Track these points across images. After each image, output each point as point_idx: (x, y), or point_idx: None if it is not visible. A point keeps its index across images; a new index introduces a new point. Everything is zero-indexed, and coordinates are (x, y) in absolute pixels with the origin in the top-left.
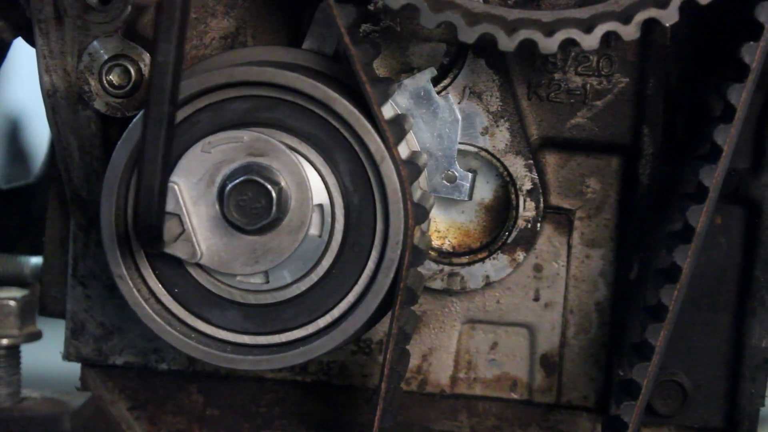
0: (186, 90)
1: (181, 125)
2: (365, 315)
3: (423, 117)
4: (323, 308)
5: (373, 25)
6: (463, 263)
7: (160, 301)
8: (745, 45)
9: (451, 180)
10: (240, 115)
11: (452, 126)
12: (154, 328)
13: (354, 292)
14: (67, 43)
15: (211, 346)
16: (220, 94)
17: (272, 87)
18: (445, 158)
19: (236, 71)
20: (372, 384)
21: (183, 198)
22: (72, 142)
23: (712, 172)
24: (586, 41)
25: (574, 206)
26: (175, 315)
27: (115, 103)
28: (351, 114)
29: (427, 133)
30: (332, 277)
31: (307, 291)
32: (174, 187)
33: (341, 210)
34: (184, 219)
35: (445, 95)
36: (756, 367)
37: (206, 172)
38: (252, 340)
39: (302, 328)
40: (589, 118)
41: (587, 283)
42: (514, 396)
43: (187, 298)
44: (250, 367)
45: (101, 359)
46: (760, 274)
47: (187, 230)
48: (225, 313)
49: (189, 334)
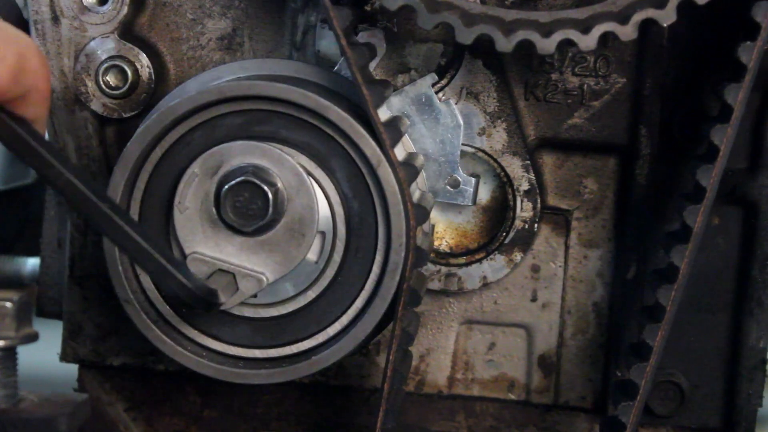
0: (178, 110)
1: (176, 146)
2: (374, 320)
3: (425, 123)
4: (332, 317)
5: (369, 26)
6: (461, 264)
7: (169, 323)
8: (742, 45)
9: (454, 185)
10: (234, 130)
11: (454, 131)
12: (165, 350)
13: (361, 298)
14: (63, 43)
15: (223, 363)
16: (212, 111)
17: (264, 100)
18: (448, 163)
19: (226, 87)
20: (370, 385)
21: (202, 244)
22: (69, 143)
23: (710, 172)
24: (583, 42)
25: (572, 207)
26: (184, 335)
27: (112, 104)
28: (344, 120)
29: (429, 139)
30: (338, 285)
31: (314, 301)
32: (197, 258)
33: (342, 217)
34: (224, 266)
35: (446, 101)
36: (753, 368)
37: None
38: (263, 353)
39: (312, 338)
40: (586, 119)
41: (585, 283)
42: (511, 396)
43: (195, 317)
44: (263, 381)
45: (98, 360)
46: (757, 274)
47: (234, 270)
48: (234, 329)
49: (200, 353)
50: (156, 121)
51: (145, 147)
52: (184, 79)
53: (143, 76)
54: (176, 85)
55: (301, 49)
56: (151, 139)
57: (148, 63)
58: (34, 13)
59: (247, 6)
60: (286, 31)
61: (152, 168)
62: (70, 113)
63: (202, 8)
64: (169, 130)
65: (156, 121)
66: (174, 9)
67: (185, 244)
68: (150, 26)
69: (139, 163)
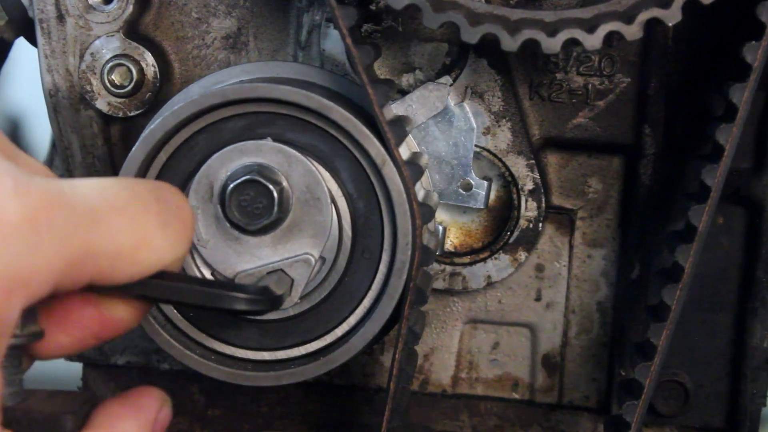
0: (181, 114)
1: (180, 149)
2: (382, 319)
3: (438, 126)
4: (339, 317)
5: (374, 25)
6: (465, 263)
7: (177, 327)
8: (747, 44)
9: (466, 188)
10: (237, 133)
11: (467, 134)
12: (174, 354)
13: (369, 297)
14: (68, 42)
15: (232, 366)
16: (215, 115)
17: (267, 102)
18: (461, 166)
19: (229, 90)
20: (374, 384)
21: (240, 263)
22: (74, 142)
23: (714, 172)
24: (588, 41)
25: (576, 206)
26: (193, 339)
27: (117, 102)
28: (348, 121)
29: (442, 142)
30: (345, 285)
31: (321, 302)
32: (243, 277)
33: (347, 218)
34: (268, 268)
35: (460, 104)
36: (757, 367)
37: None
38: (272, 356)
39: (320, 339)
40: (591, 118)
41: (589, 283)
42: (515, 396)
43: (203, 321)
44: (272, 383)
45: (103, 359)
46: (761, 274)
47: (279, 266)
48: (242, 332)
49: (209, 357)
50: (159, 126)
51: (150, 151)
52: (189, 78)
53: (148, 75)
54: (181, 84)
55: (306, 48)
56: (155, 144)
57: (153, 62)
58: (40, 12)
59: (253, 5)
60: (291, 30)
61: (157, 173)
62: (75, 112)
63: (208, 7)
64: (173, 134)
65: (159, 125)
66: (179, 8)
67: (226, 271)
68: (155, 25)
69: (143, 168)
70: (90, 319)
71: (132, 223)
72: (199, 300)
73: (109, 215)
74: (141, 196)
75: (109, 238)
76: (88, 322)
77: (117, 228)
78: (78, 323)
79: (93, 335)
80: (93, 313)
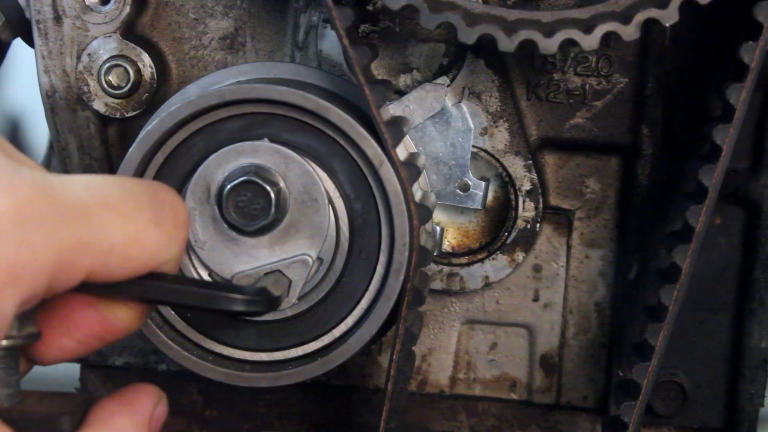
0: (178, 115)
1: (177, 150)
2: (380, 320)
3: (436, 126)
4: (337, 318)
5: (371, 26)
6: (463, 264)
7: (174, 328)
8: (745, 45)
9: (464, 189)
10: (234, 133)
11: (465, 135)
12: (171, 355)
13: (366, 298)
14: (65, 43)
15: (230, 367)
16: (212, 116)
17: (264, 103)
18: (459, 167)
19: (226, 91)
20: (371, 384)
21: (238, 264)
22: (71, 143)
23: (712, 172)
24: (585, 42)
25: (574, 206)
26: (191, 340)
27: (114, 103)
28: (345, 121)
29: (439, 142)
30: (342, 286)
31: (319, 302)
32: (240, 277)
33: (345, 219)
34: (265, 269)
35: (457, 104)
36: (755, 368)
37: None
38: (269, 356)
39: (318, 339)
40: (589, 119)
41: (587, 283)
42: (513, 396)
43: (200, 322)
44: (270, 384)
45: (100, 360)
46: (759, 274)
47: (276, 267)
48: (240, 333)
49: (206, 358)
50: (157, 127)
51: (147, 152)
52: (187, 78)
53: (145, 76)
54: (178, 84)
55: (303, 48)
56: (152, 145)
57: (150, 63)
58: (36, 13)
59: (250, 6)
60: (289, 31)
61: (154, 174)
62: (72, 113)
63: (205, 8)
64: (170, 135)
65: (157, 126)
66: (176, 8)
67: (223, 273)
68: (152, 26)
69: (141, 169)
70: (91, 322)
71: (123, 219)
72: (197, 301)
73: (99, 210)
74: (133, 194)
75: (100, 233)
76: (90, 324)
77: (108, 223)
78: (79, 326)
79: (95, 338)
80: (94, 315)
